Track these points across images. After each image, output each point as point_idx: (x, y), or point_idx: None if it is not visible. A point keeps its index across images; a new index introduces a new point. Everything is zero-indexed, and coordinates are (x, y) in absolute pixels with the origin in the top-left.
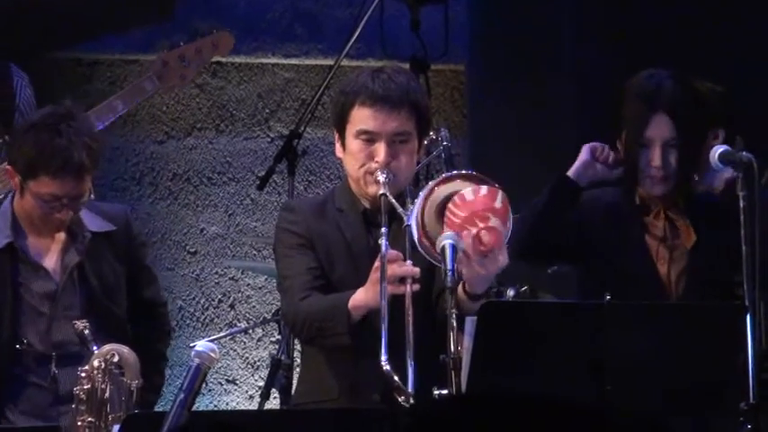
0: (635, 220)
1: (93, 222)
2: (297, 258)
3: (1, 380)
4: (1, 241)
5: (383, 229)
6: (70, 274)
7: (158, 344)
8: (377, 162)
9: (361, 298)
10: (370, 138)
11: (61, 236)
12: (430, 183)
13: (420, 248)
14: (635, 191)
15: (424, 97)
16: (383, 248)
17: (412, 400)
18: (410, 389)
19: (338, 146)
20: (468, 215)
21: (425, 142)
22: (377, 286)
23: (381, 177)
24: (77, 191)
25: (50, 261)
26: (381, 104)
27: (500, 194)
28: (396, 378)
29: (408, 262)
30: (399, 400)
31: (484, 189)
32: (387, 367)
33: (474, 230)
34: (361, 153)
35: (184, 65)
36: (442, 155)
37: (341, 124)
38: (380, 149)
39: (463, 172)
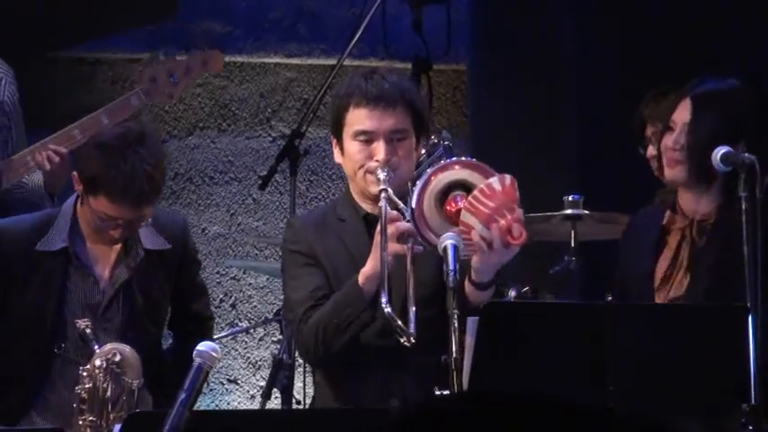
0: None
1: (149, 239)
2: (300, 280)
3: (34, 381)
4: (58, 244)
5: (383, 193)
6: (117, 290)
7: None
8: (376, 161)
9: (368, 268)
10: (368, 138)
11: (117, 247)
12: (427, 171)
13: (420, 239)
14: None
15: (419, 96)
16: (383, 209)
17: (413, 340)
18: (411, 330)
19: (336, 151)
20: (497, 206)
21: (423, 145)
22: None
23: (382, 175)
24: (134, 216)
25: (102, 271)
26: (376, 103)
27: (516, 183)
28: (398, 320)
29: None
30: (401, 341)
31: (508, 179)
32: (388, 309)
33: (503, 222)
34: (360, 154)
35: (172, 81)
36: (444, 156)
37: (338, 128)
38: (379, 148)
39: (462, 159)
